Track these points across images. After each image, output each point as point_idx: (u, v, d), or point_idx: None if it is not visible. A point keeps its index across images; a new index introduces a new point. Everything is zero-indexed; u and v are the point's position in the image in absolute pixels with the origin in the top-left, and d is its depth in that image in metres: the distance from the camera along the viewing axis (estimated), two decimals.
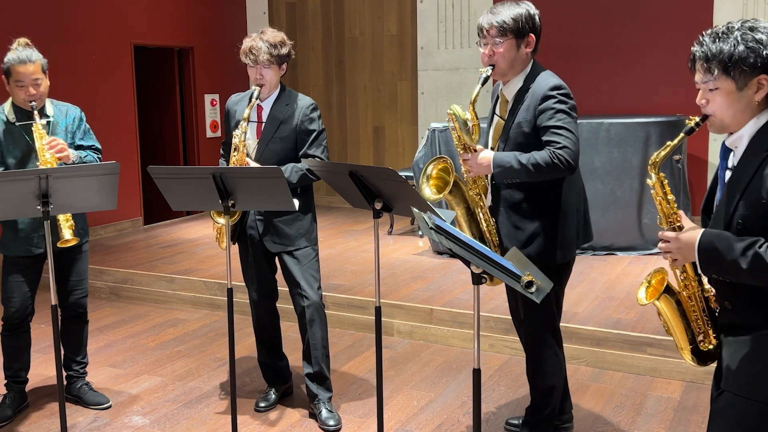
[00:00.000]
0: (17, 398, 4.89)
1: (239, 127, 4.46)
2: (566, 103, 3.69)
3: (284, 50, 4.47)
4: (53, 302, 3.98)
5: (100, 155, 4.76)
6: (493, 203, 3.93)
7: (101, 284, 7.64)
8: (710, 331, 2.76)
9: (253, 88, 4.48)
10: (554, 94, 3.69)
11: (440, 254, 8.03)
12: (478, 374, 2.86)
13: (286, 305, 5.00)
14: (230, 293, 4.02)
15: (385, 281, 6.98)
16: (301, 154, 4.50)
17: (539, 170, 3.61)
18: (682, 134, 2.66)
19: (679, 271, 2.76)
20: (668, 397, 4.98)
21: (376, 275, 3.78)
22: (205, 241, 9.11)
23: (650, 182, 2.76)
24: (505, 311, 5.88)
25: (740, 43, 2.44)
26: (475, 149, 3.81)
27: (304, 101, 4.58)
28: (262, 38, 4.42)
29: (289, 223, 4.55)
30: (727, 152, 2.63)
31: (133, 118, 10.15)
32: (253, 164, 4.43)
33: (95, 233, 9.43)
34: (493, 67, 3.79)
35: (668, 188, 2.73)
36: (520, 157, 3.66)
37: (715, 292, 2.70)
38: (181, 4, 10.84)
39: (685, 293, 2.77)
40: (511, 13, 3.75)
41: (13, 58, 4.46)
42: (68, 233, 4.35)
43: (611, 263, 7.55)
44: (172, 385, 5.32)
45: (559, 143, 3.61)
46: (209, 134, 11.30)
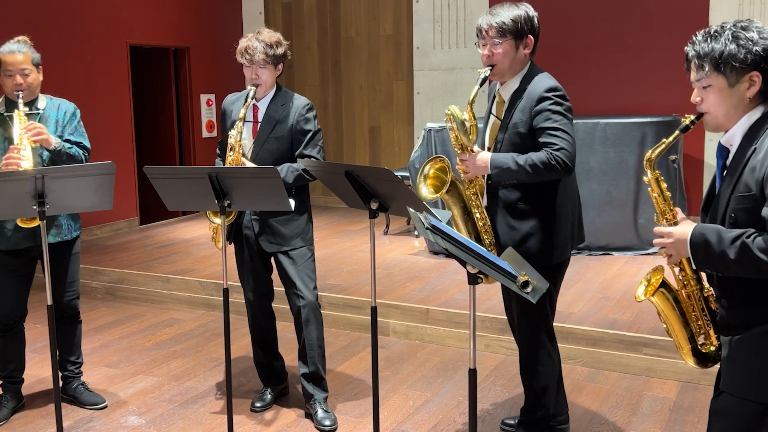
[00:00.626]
0: (13, 398, 4.88)
1: (235, 127, 4.45)
2: (562, 104, 3.71)
3: (280, 50, 4.47)
4: (49, 302, 3.98)
5: (87, 154, 4.72)
6: (489, 203, 3.94)
7: (97, 284, 7.63)
8: (711, 332, 2.76)
9: (249, 88, 4.48)
10: (550, 95, 3.70)
11: (436, 254, 8.03)
12: (474, 374, 2.86)
13: (281, 305, 5.00)
14: (226, 293, 4.02)
15: (381, 281, 6.98)
16: (297, 154, 4.50)
17: (537, 171, 3.62)
18: (677, 132, 2.69)
19: (677, 269, 2.77)
20: (664, 397, 4.98)
21: (372, 275, 3.78)
22: (201, 241, 9.10)
23: (647, 179, 2.78)
24: (500, 311, 5.87)
25: (732, 41, 2.48)
26: (472, 150, 3.81)
27: (299, 101, 4.58)
28: (258, 38, 4.42)
29: (284, 223, 4.54)
30: (723, 151, 2.65)
31: (129, 118, 10.14)
32: (249, 164, 4.43)
33: (91, 233, 9.43)
34: (491, 67, 3.81)
35: (664, 185, 2.75)
36: (517, 158, 3.66)
37: (713, 290, 2.71)
38: (176, 4, 10.83)
39: (683, 292, 2.78)
40: (510, 14, 3.77)
41: (4, 48, 4.56)
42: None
43: (607, 263, 7.56)
44: (167, 385, 5.32)
45: (556, 144, 3.62)
46: (205, 134, 11.29)
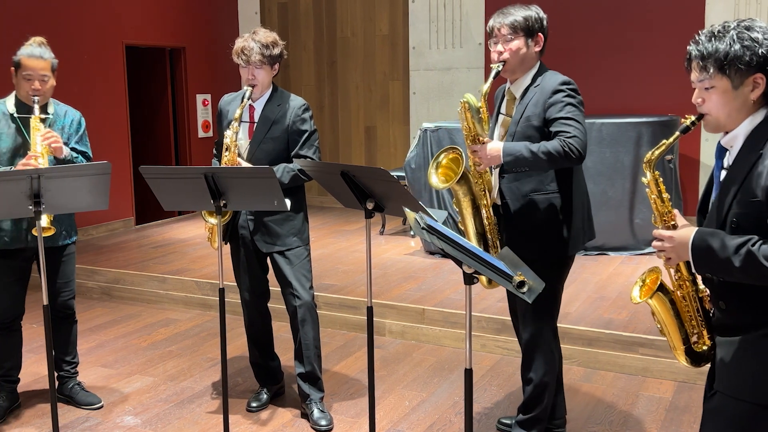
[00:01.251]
0: (9, 398, 4.87)
1: (231, 127, 4.45)
2: (575, 97, 3.79)
3: (276, 51, 4.47)
4: (45, 302, 3.98)
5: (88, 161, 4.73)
6: (501, 197, 3.96)
7: (93, 284, 7.63)
8: (704, 331, 2.76)
9: (245, 88, 4.48)
10: (564, 88, 3.78)
11: (432, 254, 8.03)
12: (469, 374, 2.86)
13: (277, 305, 5.00)
14: (222, 293, 4.02)
15: (376, 281, 6.99)
16: (293, 154, 4.50)
17: (551, 159, 3.65)
18: (677, 133, 2.67)
19: (673, 270, 2.76)
20: (660, 397, 4.99)
21: (367, 275, 3.79)
22: (196, 241, 9.10)
23: (645, 180, 2.76)
24: (496, 311, 5.89)
25: (736, 41, 2.45)
26: (483, 141, 3.84)
27: (296, 101, 4.58)
28: (254, 38, 4.42)
29: (280, 223, 4.55)
30: (722, 152, 2.63)
31: (125, 118, 10.14)
32: (245, 164, 4.43)
33: (87, 233, 9.42)
34: (503, 63, 3.86)
35: (663, 187, 2.74)
36: (530, 146, 3.69)
37: (709, 292, 2.70)
38: (172, 4, 10.83)
39: (679, 293, 2.77)
40: (522, 13, 3.89)
41: (26, 51, 4.53)
42: (45, 220, 4.31)
43: (603, 263, 7.57)
44: (163, 385, 5.31)
45: (569, 133, 3.66)
46: (201, 134, 11.29)
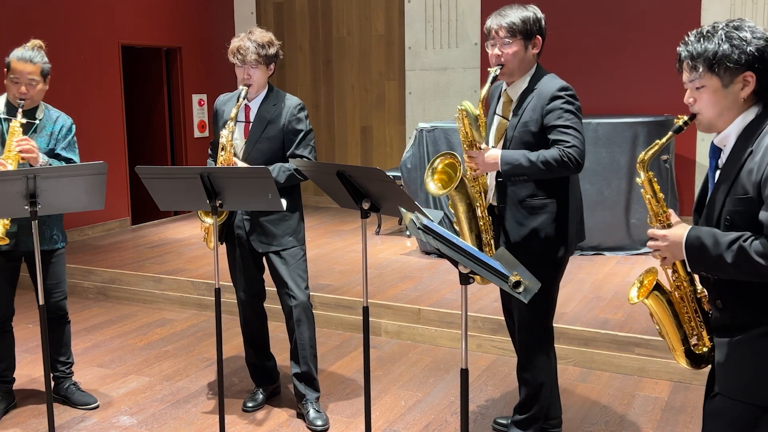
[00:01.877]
0: (4, 398, 4.87)
1: (227, 126, 4.45)
2: (573, 104, 3.78)
3: (272, 50, 4.47)
4: (40, 302, 3.98)
5: None
6: (498, 201, 3.96)
7: (89, 284, 7.62)
8: (704, 333, 2.76)
9: (240, 88, 4.48)
10: (562, 94, 3.76)
11: (428, 254, 8.03)
12: (465, 374, 2.87)
13: (273, 305, 4.99)
14: (218, 293, 4.02)
15: (372, 281, 6.98)
16: (288, 154, 4.50)
17: (549, 168, 3.66)
18: (670, 133, 2.68)
19: (670, 271, 2.76)
20: (656, 397, 4.99)
21: (363, 275, 3.79)
22: (192, 241, 9.09)
23: (639, 180, 2.77)
24: (492, 311, 5.90)
25: (725, 41, 2.47)
26: (480, 147, 3.84)
27: (291, 101, 4.58)
28: (250, 38, 4.42)
29: (276, 223, 4.54)
30: (716, 151, 2.64)
31: (120, 118, 10.12)
32: (240, 164, 4.43)
33: (83, 233, 9.41)
34: (501, 66, 3.85)
35: (657, 186, 2.74)
36: (529, 154, 3.70)
37: (707, 292, 2.70)
38: (168, 4, 10.82)
39: (676, 293, 2.77)
40: (519, 15, 3.84)
41: (17, 54, 4.52)
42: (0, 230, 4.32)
43: (599, 263, 7.57)
44: (159, 385, 5.31)
45: (568, 142, 3.67)
46: (197, 134, 11.28)
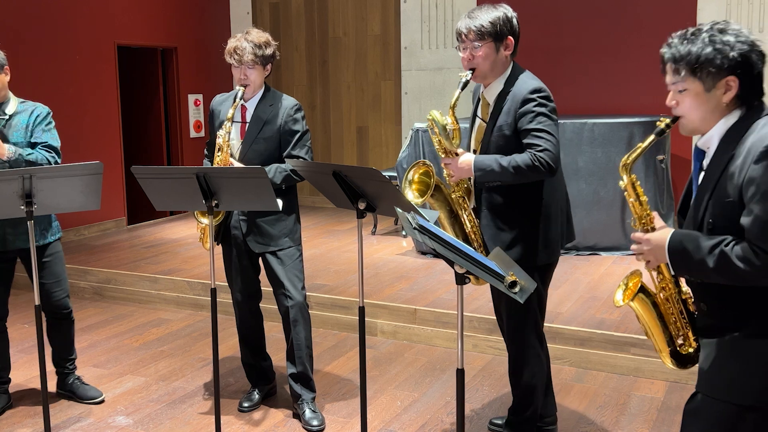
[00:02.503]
0: (0, 399, 4.87)
1: (223, 127, 4.45)
2: (546, 105, 3.71)
3: (269, 51, 4.47)
4: (36, 302, 3.97)
5: (53, 154, 4.59)
6: (476, 206, 3.94)
7: (85, 284, 7.61)
8: (690, 333, 2.75)
9: (237, 88, 4.48)
10: (534, 97, 3.69)
11: (424, 254, 8.04)
12: (461, 374, 2.87)
13: (269, 305, 4.99)
14: (214, 293, 4.01)
15: (368, 281, 6.99)
16: (284, 154, 4.50)
17: (520, 173, 3.63)
18: (653, 136, 2.67)
19: (655, 273, 2.76)
20: (652, 397, 5.00)
21: (359, 275, 3.79)
22: (188, 241, 9.09)
23: (622, 184, 2.75)
24: (488, 311, 5.89)
25: (708, 44, 2.46)
26: (456, 153, 3.82)
27: (288, 102, 4.58)
28: (246, 39, 4.41)
29: (272, 223, 4.54)
30: (700, 154, 2.64)
31: (116, 118, 10.11)
32: (237, 164, 4.43)
33: (78, 233, 9.41)
34: (473, 70, 3.81)
35: (641, 190, 2.73)
36: (501, 159, 3.67)
37: (692, 294, 2.71)
38: (164, 4, 10.81)
39: (662, 295, 2.77)
40: (488, 16, 3.76)
41: None
42: None
43: (595, 263, 7.58)
44: (155, 385, 5.31)
45: (539, 146, 3.62)
46: (193, 134, 11.27)
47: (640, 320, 2.81)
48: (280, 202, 4.08)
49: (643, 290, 2.76)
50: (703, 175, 2.59)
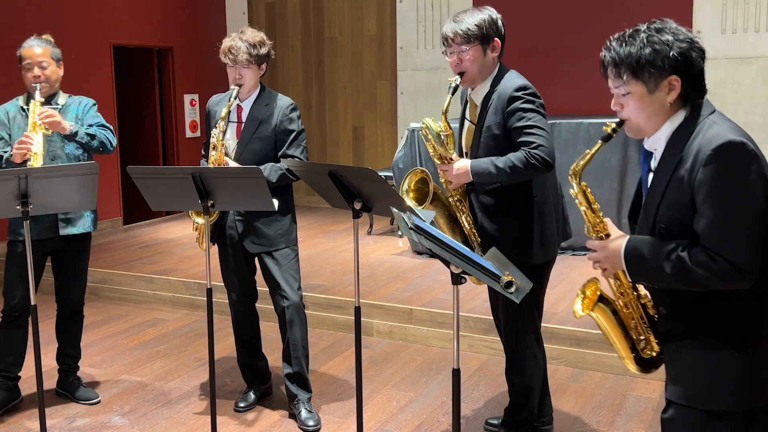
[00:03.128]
0: (7, 396, 4.83)
1: (217, 126, 4.45)
2: (533, 101, 3.71)
3: (264, 50, 4.47)
4: (32, 302, 3.96)
5: (110, 131, 4.74)
6: (469, 208, 3.94)
7: None
8: (651, 337, 2.70)
9: (232, 88, 4.47)
10: (520, 95, 3.70)
11: (420, 254, 8.04)
12: (457, 374, 2.87)
13: (265, 305, 4.99)
14: (210, 293, 4.01)
15: (364, 281, 6.99)
16: (280, 154, 4.50)
17: (517, 172, 3.63)
18: (600, 141, 2.63)
19: (612, 279, 2.72)
20: (648, 397, 5.00)
21: (355, 275, 3.79)
22: (184, 241, 9.08)
23: (573, 192, 2.72)
24: (484, 311, 5.90)
25: (647, 45, 2.44)
26: (451, 158, 3.82)
27: (283, 101, 4.58)
28: (241, 38, 4.41)
29: (268, 223, 4.54)
30: (648, 155, 2.61)
31: (112, 117, 10.09)
32: (232, 164, 4.43)
33: None
34: (461, 74, 3.82)
35: (592, 197, 2.71)
36: (496, 161, 3.67)
37: (651, 297, 2.67)
38: (160, 4, 10.80)
39: (621, 301, 2.72)
40: (474, 19, 3.76)
41: (24, 44, 4.64)
42: None
43: (590, 263, 7.55)
44: (151, 385, 5.30)
45: (533, 143, 3.63)
46: (188, 134, 11.27)
47: (601, 328, 2.75)
48: (275, 202, 4.08)
49: (602, 299, 2.72)
50: (652, 177, 2.56)
